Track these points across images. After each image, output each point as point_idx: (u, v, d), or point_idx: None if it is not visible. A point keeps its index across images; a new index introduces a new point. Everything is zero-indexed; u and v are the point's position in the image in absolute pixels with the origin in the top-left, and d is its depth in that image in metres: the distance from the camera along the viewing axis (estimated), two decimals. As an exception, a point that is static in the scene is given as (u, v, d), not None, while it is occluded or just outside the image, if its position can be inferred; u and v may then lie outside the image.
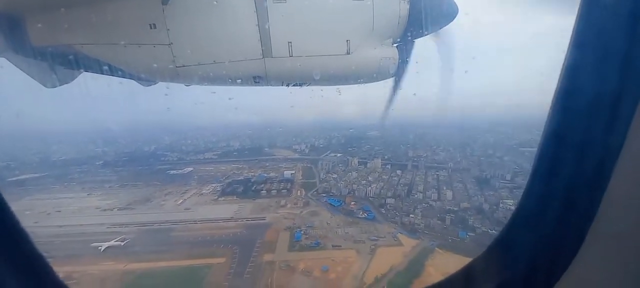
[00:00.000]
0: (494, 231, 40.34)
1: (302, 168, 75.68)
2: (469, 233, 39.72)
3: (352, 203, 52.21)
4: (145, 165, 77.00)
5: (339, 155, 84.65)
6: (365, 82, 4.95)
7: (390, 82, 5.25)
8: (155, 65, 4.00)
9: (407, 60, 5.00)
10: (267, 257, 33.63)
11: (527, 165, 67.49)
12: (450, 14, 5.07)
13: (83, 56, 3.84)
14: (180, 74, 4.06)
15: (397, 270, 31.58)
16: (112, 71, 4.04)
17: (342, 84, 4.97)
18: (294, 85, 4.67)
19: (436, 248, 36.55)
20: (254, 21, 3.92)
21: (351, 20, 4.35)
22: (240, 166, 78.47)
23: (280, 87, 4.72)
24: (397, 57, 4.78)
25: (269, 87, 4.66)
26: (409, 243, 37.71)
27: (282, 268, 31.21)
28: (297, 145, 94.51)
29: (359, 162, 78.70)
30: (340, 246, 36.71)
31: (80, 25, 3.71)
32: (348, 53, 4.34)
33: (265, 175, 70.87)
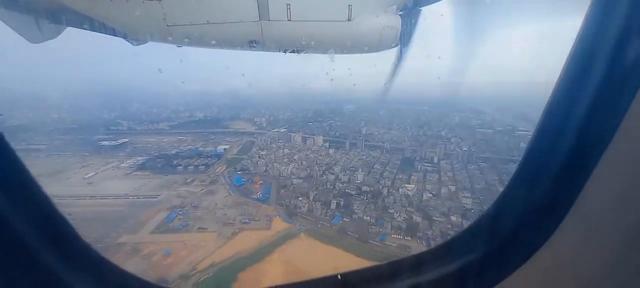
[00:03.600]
0: (367, 217, 39.91)
1: (242, 143, 75.06)
2: (344, 219, 39.29)
3: (260, 182, 51.96)
4: (90, 133, 76.92)
5: (294, 130, 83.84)
6: (366, 52, 4.66)
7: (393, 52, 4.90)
8: (143, 22, 3.76)
9: (412, 31, 4.68)
10: (122, 239, 33.82)
11: (474, 145, 67.50)
12: None
13: (68, 9, 3.60)
14: (171, 33, 3.78)
15: (241, 255, 31.60)
16: (98, 27, 3.77)
17: (341, 53, 4.62)
18: (291, 52, 4.39)
19: (302, 234, 36.38)
20: None
21: None
22: (185, 139, 78.13)
23: (277, 53, 4.48)
24: (400, 26, 4.46)
25: (268, 53, 4.45)
26: (278, 227, 37.57)
27: (126, 251, 31.43)
28: (260, 118, 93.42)
29: (302, 138, 78.14)
30: (206, 228, 36.73)
31: None
32: (349, 20, 4.05)
33: (200, 149, 70.43)
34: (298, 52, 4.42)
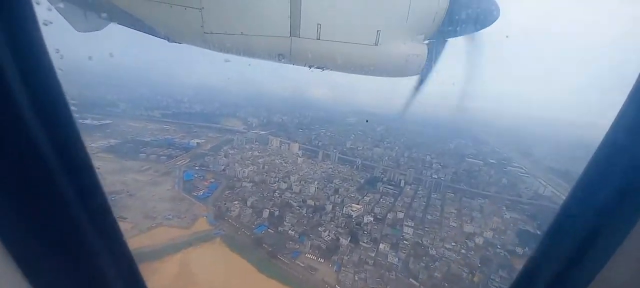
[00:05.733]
0: (292, 231, 38.38)
1: (219, 140, 75.62)
2: (268, 230, 37.96)
3: (210, 180, 51.75)
4: (81, 111, 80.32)
5: (279, 134, 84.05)
6: (390, 76, 4.78)
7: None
8: (183, 27, 4.02)
9: (435, 60, 4.80)
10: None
11: (453, 174, 64.26)
12: (491, 17, 4.74)
13: (116, 8, 3.87)
14: (206, 39, 4.02)
15: (143, 251, 31.08)
16: (140, 26, 4.08)
17: (365, 74, 4.76)
18: (316, 68, 4.54)
19: (218, 238, 35.46)
20: None
21: (386, 10, 4.18)
22: (168, 128, 79.98)
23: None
24: (426, 55, 4.55)
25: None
26: (199, 228, 36.92)
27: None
28: (254, 119, 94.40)
29: (279, 143, 77.89)
30: (126, 218, 36.64)
31: None
32: (376, 44, 4.17)
33: (175, 140, 71.49)
34: (323, 69, 4.46)
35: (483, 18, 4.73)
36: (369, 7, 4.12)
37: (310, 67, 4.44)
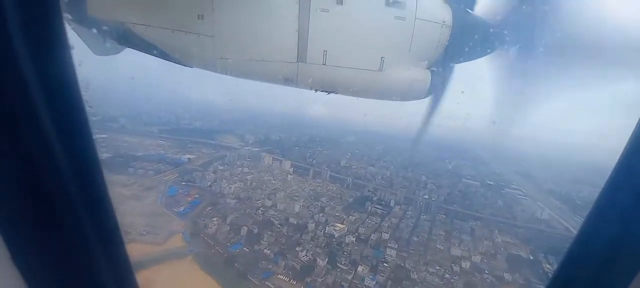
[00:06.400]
0: (268, 251, 37.08)
1: (212, 156, 75.44)
2: (243, 248, 36.75)
3: (194, 196, 51.15)
4: None
5: (273, 151, 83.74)
6: (394, 100, 4.98)
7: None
8: (196, 53, 4.21)
9: (445, 85, 4.99)
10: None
11: (448, 195, 62.58)
12: (491, 46, 4.97)
13: (133, 34, 4.09)
14: (217, 64, 4.28)
15: None
16: (155, 52, 4.29)
17: (370, 98, 5.06)
18: (322, 91, 4.74)
19: (190, 256, 34.37)
20: (295, 26, 4.02)
21: (389, 38, 4.37)
22: (163, 143, 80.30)
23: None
24: (429, 81, 4.73)
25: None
26: (173, 244, 35.98)
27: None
28: (251, 136, 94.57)
29: (272, 160, 77.41)
30: None
31: (136, 6, 4.07)
32: (380, 70, 4.37)
33: (167, 155, 71.60)
34: (328, 93, 4.60)
35: (485, 46, 4.88)
36: (373, 34, 4.28)
37: (315, 90, 4.57)
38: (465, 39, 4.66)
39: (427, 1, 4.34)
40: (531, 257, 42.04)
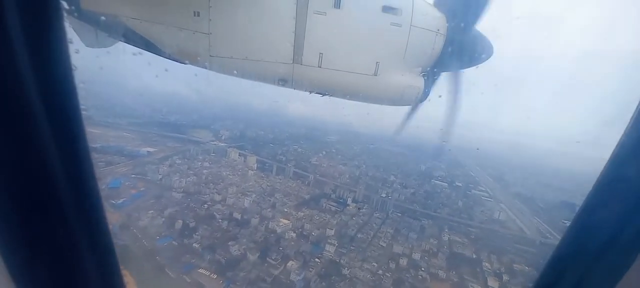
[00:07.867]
0: (197, 244, 35.73)
1: (175, 150, 73.64)
2: (173, 242, 35.39)
3: (140, 188, 49.52)
4: None
5: (242, 147, 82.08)
6: (387, 105, 5.00)
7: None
8: (190, 50, 4.13)
9: (428, 91, 5.01)
10: None
11: (412, 195, 62.13)
12: (483, 56, 4.96)
13: (127, 28, 3.99)
14: (211, 62, 4.17)
15: None
16: (149, 47, 4.16)
17: (364, 101, 4.97)
18: (316, 93, 4.70)
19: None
20: (292, 28, 4.00)
21: (385, 43, 4.38)
22: (127, 136, 78.01)
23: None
24: (422, 87, 4.77)
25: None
26: None
27: None
28: (226, 132, 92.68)
29: (238, 155, 76.00)
30: None
31: (130, 0, 3.95)
32: (375, 74, 4.38)
33: (126, 148, 69.58)
34: (322, 94, 4.62)
35: (476, 56, 4.95)
36: (369, 39, 4.34)
37: (310, 92, 4.60)
38: (457, 49, 4.75)
39: (422, 9, 4.39)
40: (474, 256, 41.71)
